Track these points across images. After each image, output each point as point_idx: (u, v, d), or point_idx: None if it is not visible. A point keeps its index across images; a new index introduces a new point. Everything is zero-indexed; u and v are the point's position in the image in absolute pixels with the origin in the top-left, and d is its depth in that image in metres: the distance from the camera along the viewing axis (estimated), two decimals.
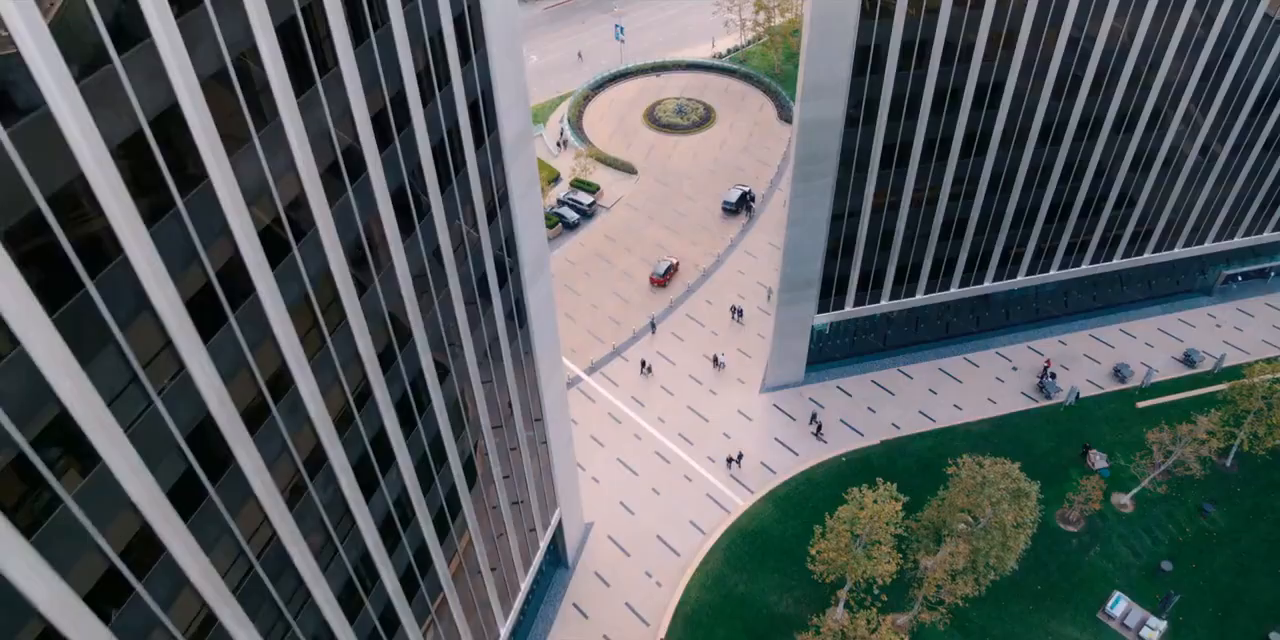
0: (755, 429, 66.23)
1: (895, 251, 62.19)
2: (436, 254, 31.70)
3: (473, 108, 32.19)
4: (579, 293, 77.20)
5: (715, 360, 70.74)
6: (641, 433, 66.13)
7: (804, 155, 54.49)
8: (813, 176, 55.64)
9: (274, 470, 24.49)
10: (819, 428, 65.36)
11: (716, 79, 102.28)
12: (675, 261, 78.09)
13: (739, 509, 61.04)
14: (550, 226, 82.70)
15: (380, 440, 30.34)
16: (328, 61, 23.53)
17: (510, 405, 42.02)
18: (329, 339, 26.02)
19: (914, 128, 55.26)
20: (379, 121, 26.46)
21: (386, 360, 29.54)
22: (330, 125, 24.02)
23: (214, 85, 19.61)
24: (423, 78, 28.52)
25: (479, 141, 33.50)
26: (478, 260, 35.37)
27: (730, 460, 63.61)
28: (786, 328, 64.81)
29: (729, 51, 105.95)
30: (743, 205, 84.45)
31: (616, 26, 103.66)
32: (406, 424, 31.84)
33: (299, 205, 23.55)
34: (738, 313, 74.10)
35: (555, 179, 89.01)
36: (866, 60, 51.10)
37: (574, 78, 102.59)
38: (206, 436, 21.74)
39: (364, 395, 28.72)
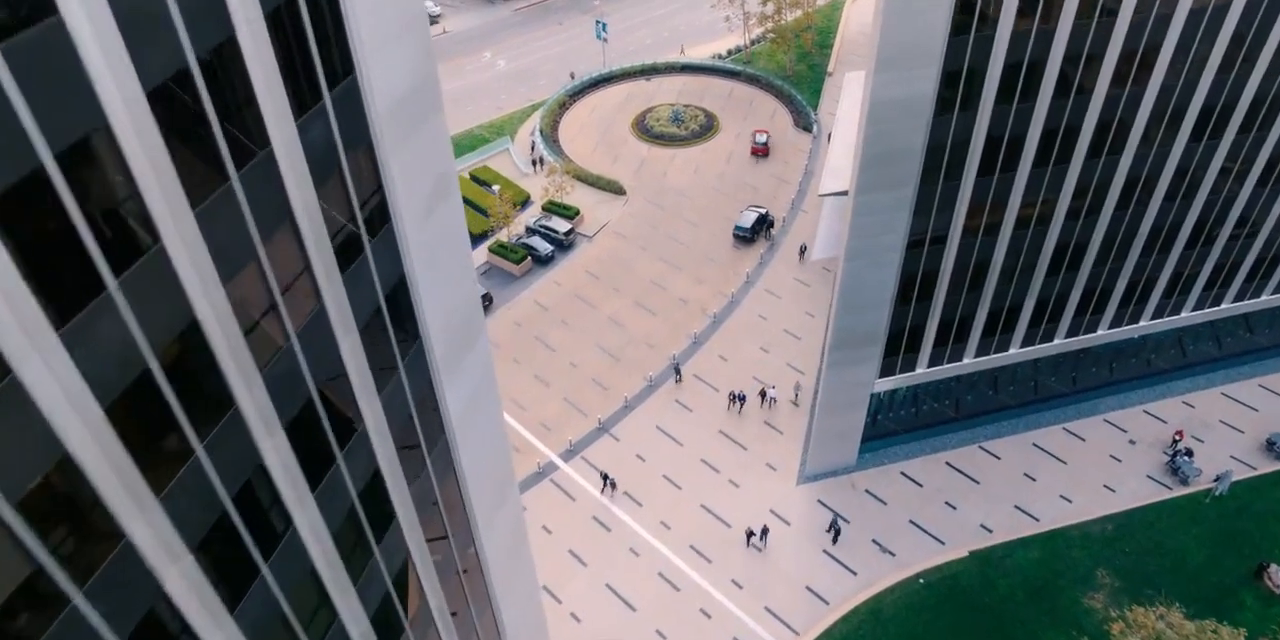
0: (794, 536, 48.34)
1: (989, 291, 44.99)
2: (191, 334, 13.99)
3: (274, 16, 14.67)
4: (553, 348, 59.45)
5: (763, 395, 54.17)
6: (639, 545, 48.12)
7: (873, 155, 37.30)
8: (883, 186, 38.42)
9: None
10: (836, 535, 47.94)
11: (719, 82, 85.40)
12: (769, 134, 76.65)
13: None
14: (518, 261, 65.25)
15: None
16: None
17: (418, 579, 24.08)
18: None
19: (1029, 113, 38.29)
20: None
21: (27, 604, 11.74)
22: None
23: None
24: None
25: (308, 94, 15.94)
26: (319, 345, 17.60)
27: (750, 535, 46.88)
28: (836, 397, 47.27)
29: (729, 52, 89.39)
30: (760, 231, 67.18)
31: (598, 23, 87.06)
32: None
33: None
34: (739, 400, 54.53)
35: (524, 202, 71.67)
36: (972, 11, 34.22)
37: (550, 84, 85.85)
38: None
39: None
